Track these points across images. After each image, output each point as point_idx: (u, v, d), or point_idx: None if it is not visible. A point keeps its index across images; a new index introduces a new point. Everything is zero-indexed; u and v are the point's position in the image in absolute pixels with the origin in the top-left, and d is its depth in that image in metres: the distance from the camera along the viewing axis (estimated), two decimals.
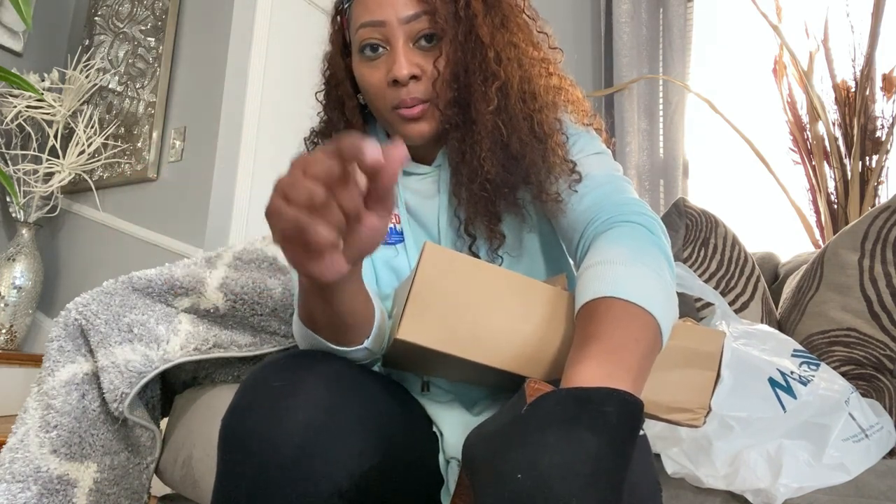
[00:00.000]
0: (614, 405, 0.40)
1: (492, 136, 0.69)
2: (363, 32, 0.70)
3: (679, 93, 2.01)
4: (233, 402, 0.55)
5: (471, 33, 0.69)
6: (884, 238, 1.05)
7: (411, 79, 0.69)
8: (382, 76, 0.70)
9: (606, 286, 0.51)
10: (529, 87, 0.71)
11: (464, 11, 0.69)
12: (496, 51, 0.69)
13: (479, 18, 0.69)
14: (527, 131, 0.69)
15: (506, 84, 0.69)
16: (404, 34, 0.69)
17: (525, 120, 0.69)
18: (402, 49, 0.69)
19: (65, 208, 2.42)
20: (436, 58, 0.70)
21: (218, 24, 2.24)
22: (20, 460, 0.89)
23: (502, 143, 0.69)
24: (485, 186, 0.70)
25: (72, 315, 0.97)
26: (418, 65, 0.70)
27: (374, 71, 0.71)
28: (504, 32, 0.71)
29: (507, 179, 0.70)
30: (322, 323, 0.57)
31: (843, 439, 0.74)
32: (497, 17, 0.71)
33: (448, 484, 0.64)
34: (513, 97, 0.69)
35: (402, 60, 0.68)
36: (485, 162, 0.69)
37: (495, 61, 0.69)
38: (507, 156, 0.69)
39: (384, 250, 0.78)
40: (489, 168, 0.69)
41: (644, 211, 0.63)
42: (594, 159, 0.72)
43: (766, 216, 1.95)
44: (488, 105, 0.68)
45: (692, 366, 0.59)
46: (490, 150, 0.69)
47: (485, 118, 0.69)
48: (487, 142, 0.69)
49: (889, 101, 1.66)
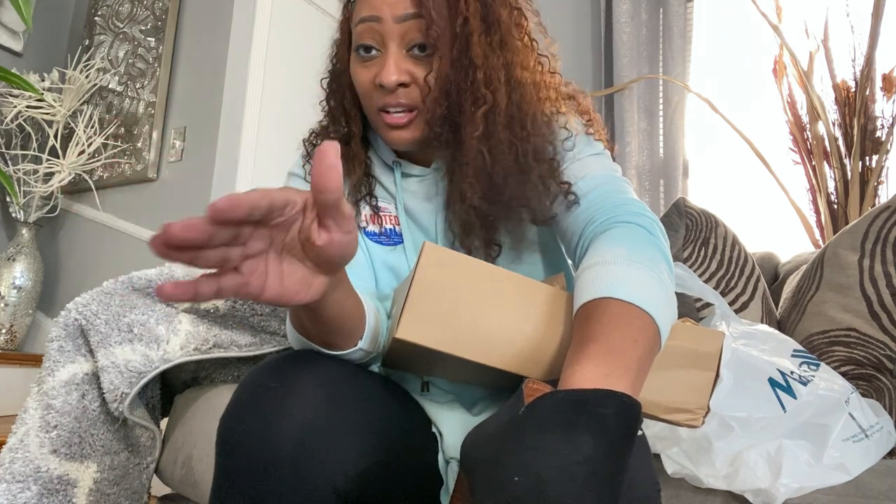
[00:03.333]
0: (612, 407, 0.40)
1: (475, 162, 0.67)
2: (360, 29, 0.70)
3: (679, 93, 2.01)
4: (230, 403, 0.55)
5: (463, 52, 0.68)
6: (884, 238, 1.05)
7: (399, 86, 0.68)
8: (372, 77, 0.70)
9: (605, 287, 0.51)
10: (519, 113, 0.69)
11: (460, 28, 0.68)
12: (486, 73, 0.68)
13: (475, 37, 0.68)
14: (511, 162, 0.68)
15: (493, 109, 0.68)
16: (398, 37, 0.68)
17: (510, 149, 0.68)
18: (393, 54, 0.68)
19: (65, 208, 2.42)
20: (427, 71, 0.68)
21: (218, 24, 2.24)
22: (20, 460, 0.89)
23: (486, 171, 0.68)
24: (469, 213, 0.69)
25: (72, 315, 0.97)
26: (409, 72, 0.69)
27: (365, 71, 0.71)
28: (500, 54, 0.69)
29: (490, 210, 0.69)
30: (313, 331, 0.57)
31: (843, 439, 0.74)
32: (495, 37, 0.69)
33: (447, 484, 0.64)
34: (500, 123, 0.68)
35: (391, 66, 0.68)
36: (468, 189, 0.68)
37: (484, 84, 0.68)
38: (489, 185, 0.68)
39: (383, 252, 0.78)
40: (471, 197, 0.68)
41: (643, 212, 0.63)
42: (593, 160, 0.71)
43: (766, 216, 1.95)
44: (474, 130, 0.67)
45: (691, 366, 0.59)
46: (475, 177, 0.68)
47: (470, 143, 0.67)
48: (471, 168, 0.68)
49: (889, 101, 1.66)
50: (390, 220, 0.78)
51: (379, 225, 0.78)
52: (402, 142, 0.71)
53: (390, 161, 0.78)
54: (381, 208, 0.78)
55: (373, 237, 0.78)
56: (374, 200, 0.78)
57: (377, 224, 0.78)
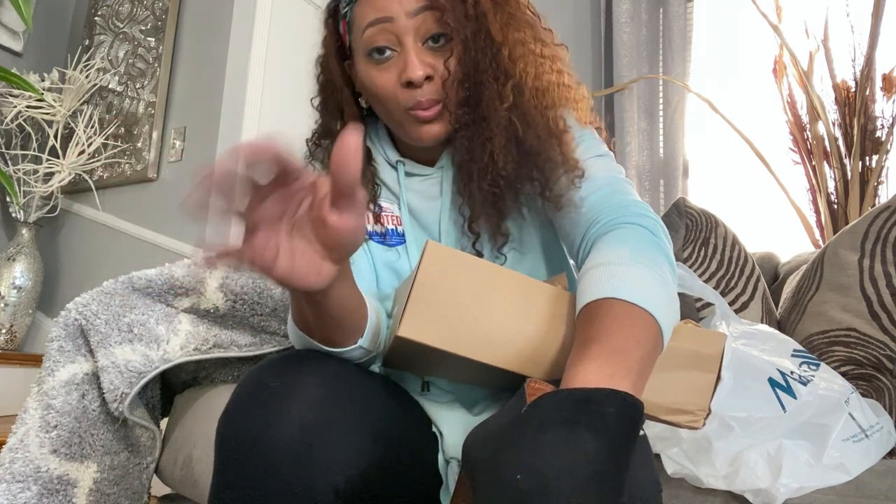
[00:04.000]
0: (614, 406, 0.40)
1: (506, 132, 0.68)
2: (370, 33, 0.69)
3: (679, 93, 2.01)
4: (229, 402, 0.55)
5: (480, 31, 0.68)
6: (884, 238, 1.05)
7: (426, 79, 0.68)
8: (394, 78, 0.69)
9: (608, 287, 0.51)
10: (541, 83, 0.70)
11: (473, 10, 0.68)
12: (509, 48, 0.69)
13: (490, 16, 0.69)
14: (543, 127, 0.69)
15: (520, 81, 0.69)
16: (413, 31, 0.68)
17: (541, 116, 0.69)
18: (413, 49, 0.68)
19: (65, 208, 2.42)
20: (446, 58, 0.69)
21: (218, 24, 2.24)
22: (20, 460, 0.89)
23: (517, 139, 0.69)
24: (497, 182, 0.69)
25: (72, 315, 0.97)
26: (430, 65, 0.68)
27: (383, 73, 0.70)
28: (513, 30, 0.70)
29: (520, 174, 0.70)
30: (315, 326, 0.57)
31: (843, 439, 0.74)
32: (504, 14, 0.70)
33: (448, 484, 0.64)
34: (527, 94, 0.69)
35: (415, 61, 0.67)
36: (498, 158, 0.68)
37: (509, 59, 0.69)
38: (521, 151, 0.69)
39: (385, 252, 0.77)
40: (503, 164, 0.69)
41: (646, 213, 0.63)
42: (597, 161, 0.71)
43: (766, 216, 1.95)
44: (503, 102, 0.68)
45: (693, 368, 0.59)
46: (504, 147, 0.69)
47: (499, 115, 0.68)
48: (501, 138, 0.68)
49: (889, 101, 1.66)
50: (392, 221, 0.78)
51: (381, 225, 0.78)
52: (433, 136, 0.71)
53: (394, 160, 0.78)
54: (383, 208, 0.78)
55: (374, 237, 0.78)
56: (377, 200, 0.78)
57: (379, 224, 0.78)
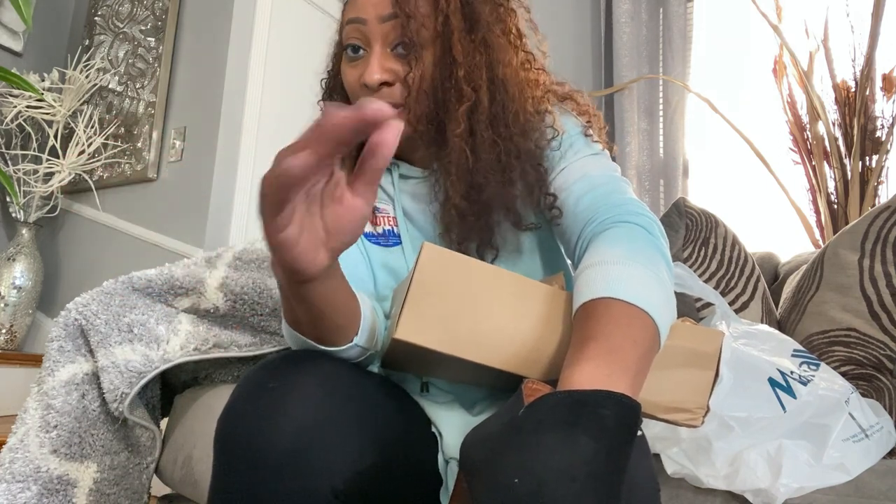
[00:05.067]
0: (611, 408, 0.40)
1: (458, 161, 0.68)
2: (348, 30, 0.71)
3: (679, 93, 2.01)
4: (229, 402, 0.55)
5: (445, 50, 0.68)
6: (884, 238, 1.05)
7: (383, 85, 0.69)
8: (358, 76, 0.71)
9: (604, 287, 0.51)
10: (503, 111, 0.69)
11: (441, 26, 0.68)
12: (467, 70, 0.68)
13: (456, 35, 0.68)
14: (493, 161, 0.68)
15: (475, 107, 0.68)
16: (382, 36, 0.69)
17: (492, 147, 0.68)
18: (377, 53, 0.69)
19: (65, 208, 2.42)
20: (411, 67, 0.69)
21: (218, 24, 2.24)
22: (20, 460, 0.89)
23: (468, 169, 0.68)
24: (451, 213, 0.69)
25: (72, 315, 0.97)
26: (393, 70, 0.69)
27: (352, 70, 0.72)
28: (482, 51, 0.69)
29: (470, 209, 0.69)
30: (306, 323, 0.56)
31: (843, 439, 0.74)
32: (478, 34, 0.69)
33: (447, 484, 0.64)
34: (482, 122, 0.68)
35: (374, 66, 0.68)
36: (451, 188, 0.68)
37: (466, 81, 0.68)
38: (469, 185, 0.68)
39: (382, 253, 0.77)
40: (453, 196, 0.68)
41: (642, 211, 0.63)
42: (591, 160, 0.71)
43: (766, 216, 1.95)
44: (457, 128, 0.68)
45: (691, 366, 0.59)
46: (457, 176, 0.68)
47: (454, 141, 0.68)
48: (454, 167, 0.68)
49: (889, 101, 1.66)
50: (388, 221, 0.78)
51: (376, 226, 0.78)
52: None
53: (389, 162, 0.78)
54: (378, 209, 0.78)
55: (370, 238, 0.78)
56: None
57: (375, 225, 0.78)
